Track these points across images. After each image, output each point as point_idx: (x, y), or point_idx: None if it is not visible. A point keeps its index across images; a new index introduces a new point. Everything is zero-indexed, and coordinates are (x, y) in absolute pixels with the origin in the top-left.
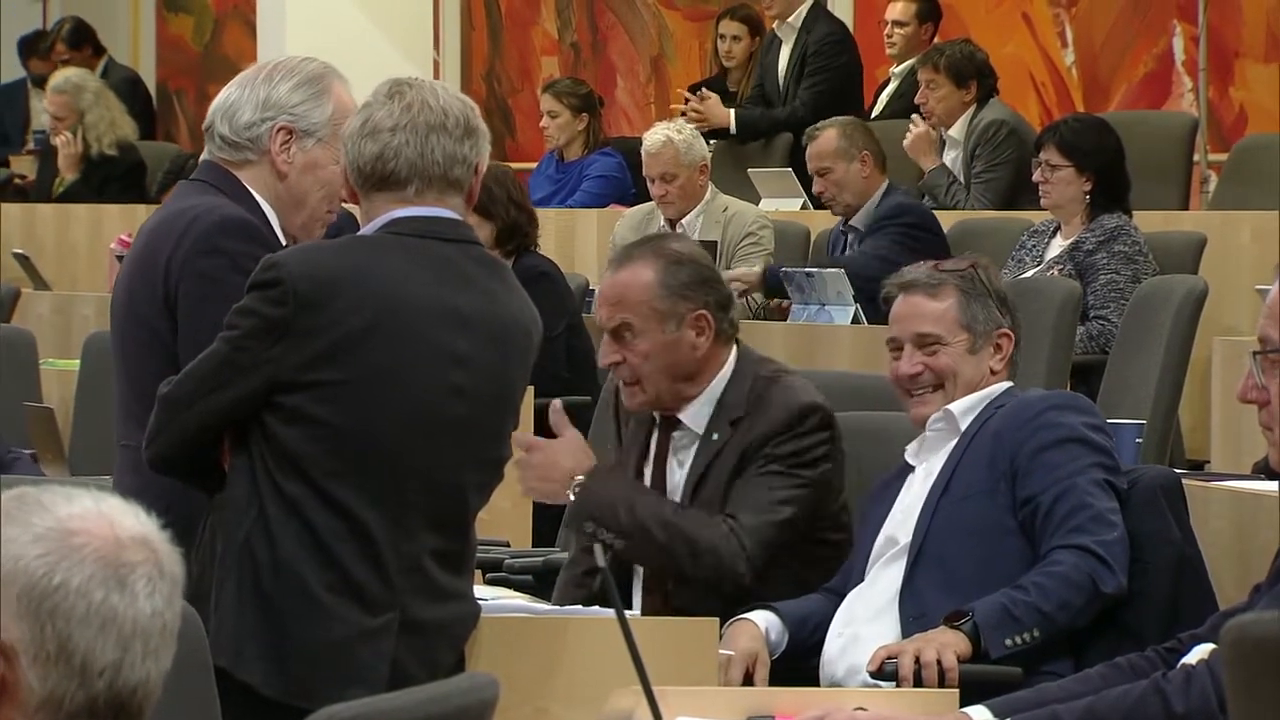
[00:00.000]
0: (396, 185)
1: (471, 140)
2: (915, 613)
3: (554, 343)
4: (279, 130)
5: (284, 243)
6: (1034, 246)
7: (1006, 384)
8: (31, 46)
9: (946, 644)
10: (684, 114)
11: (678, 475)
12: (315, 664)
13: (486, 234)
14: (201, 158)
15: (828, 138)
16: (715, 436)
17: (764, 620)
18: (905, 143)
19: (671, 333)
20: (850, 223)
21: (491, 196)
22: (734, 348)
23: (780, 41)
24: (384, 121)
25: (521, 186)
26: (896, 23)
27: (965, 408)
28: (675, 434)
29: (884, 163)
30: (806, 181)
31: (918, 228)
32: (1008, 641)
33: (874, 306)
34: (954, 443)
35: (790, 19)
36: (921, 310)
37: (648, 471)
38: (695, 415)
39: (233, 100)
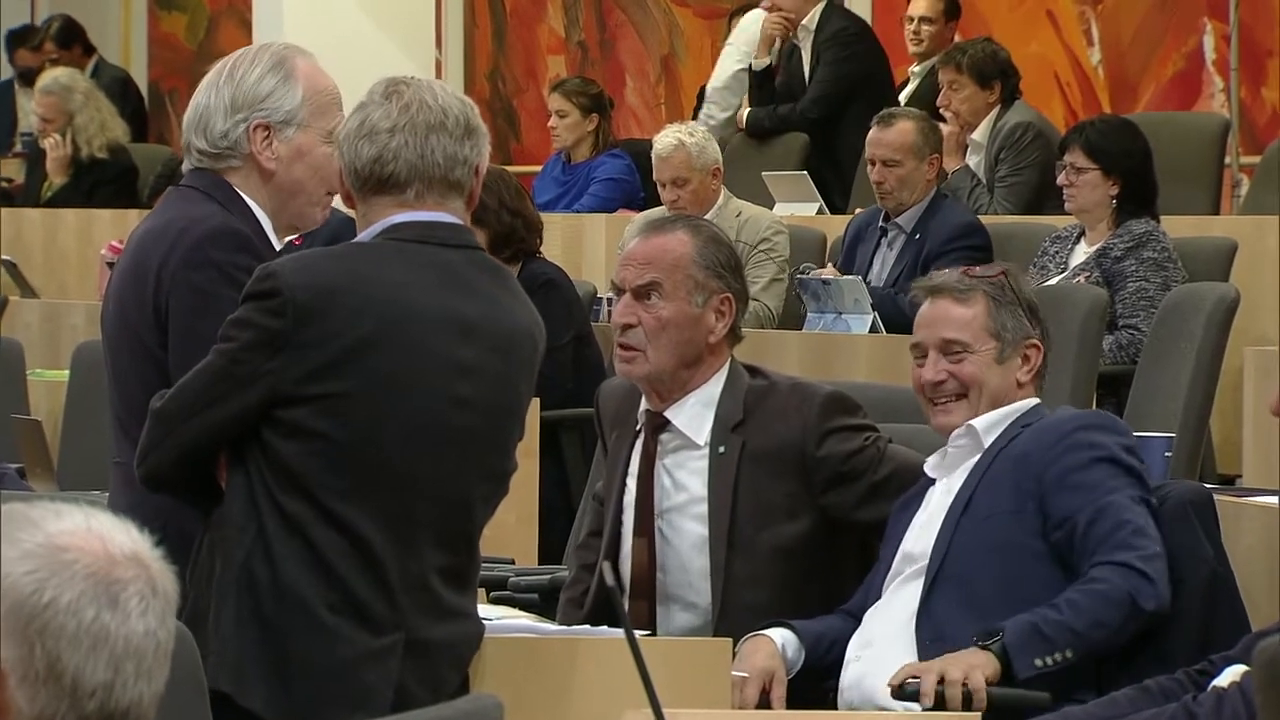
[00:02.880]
0: (396, 188)
1: (472, 140)
2: (932, 635)
3: (560, 353)
4: (256, 129)
5: (277, 249)
6: (1057, 253)
7: (1033, 400)
8: (18, 41)
9: (975, 665)
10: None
11: (666, 481)
12: (319, 687)
13: (480, 243)
14: (184, 166)
15: (904, 130)
16: (723, 450)
17: (780, 637)
18: None
19: (696, 307)
20: (895, 220)
21: (481, 204)
22: (729, 357)
23: (799, 48)
24: (381, 122)
25: (520, 190)
26: (924, 19)
27: (989, 424)
28: (663, 437)
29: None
30: (822, 185)
31: (987, 250)
32: (1037, 662)
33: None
34: (976, 460)
35: (805, 21)
36: (949, 316)
37: (631, 483)
38: (687, 419)
39: (202, 109)
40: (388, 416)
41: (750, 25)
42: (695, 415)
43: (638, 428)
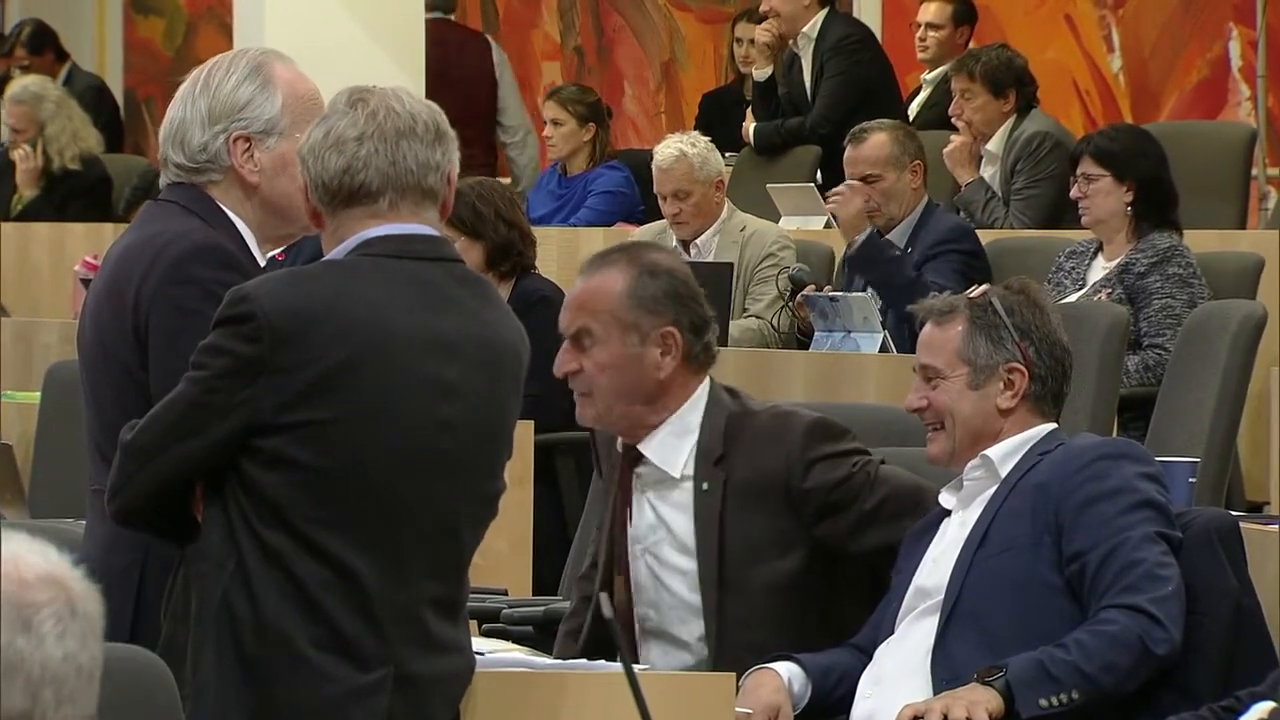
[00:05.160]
0: (368, 199)
1: (443, 146)
2: (948, 674)
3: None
4: (236, 141)
5: (262, 265)
6: (1073, 269)
7: (1049, 426)
8: None
9: (977, 701)
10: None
11: (649, 515)
12: None
13: (476, 256)
14: (161, 182)
15: (878, 143)
16: (706, 486)
17: (786, 671)
18: (945, 151)
19: (634, 347)
20: (886, 237)
21: (478, 214)
22: (707, 380)
23: (799, 58)
24: (348, 131)
25: (515, 201)
26: (930, 25)
27: (1004, 453)
28: (640, 470)
29: (927, 174)
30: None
31: (978, 255)
32: (1042, 702)
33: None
34: (993, 490)
35: (806, 29)
36: (928, 340)
37: (607, 516)
38: (662, 451)
39: (178, 122)
40: (370, 442)
41: None
42: (668, 446)
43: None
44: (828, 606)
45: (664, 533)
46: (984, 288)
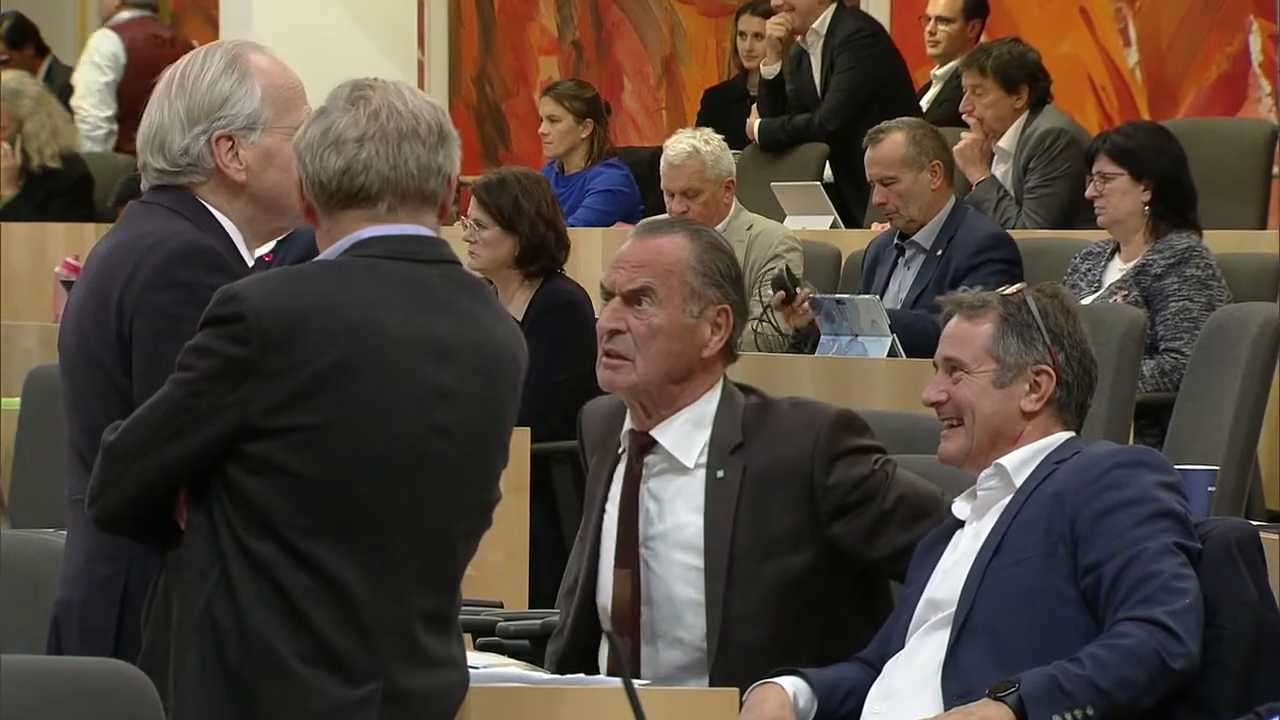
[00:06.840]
0: (366, 202)
1: (445, 148)
2: (960, 689)
3: (562, 387)
4: (219, 140)
5: (250, 265)
6: (1089, 270)
7: (1066, 434)
8: None
9: (989, 717)
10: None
11: (650, 507)
12: None
13: (506, 250)
14: (143, 186)
15: (893, 143)
16: (722, 474)
17: (792, 686)
18: (955, 148)
19: (691, 317)
20: (912, 238)
21: (518, 208)
22: (723, 374)
23: (808, 54)
24: (349, 131)
25: (556, 201)
26: (941, 18)
27: (1019, 462)
28: (649, 459)
29: (952, 173)
30: (839, 197)
31: (1017, 263)
32: (1055, 718)
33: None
34: (1007, 500)
35: (815, 25)
36: (955, 333)
37: (611, 509)
38: (675, 438)
39: (156, 126)
40: (362, 448)
41: (105, 44)
42: (684, 435)
43: (620, 450)
44: (825, 609)
45: (665, 526)
46: (1019, 286)
